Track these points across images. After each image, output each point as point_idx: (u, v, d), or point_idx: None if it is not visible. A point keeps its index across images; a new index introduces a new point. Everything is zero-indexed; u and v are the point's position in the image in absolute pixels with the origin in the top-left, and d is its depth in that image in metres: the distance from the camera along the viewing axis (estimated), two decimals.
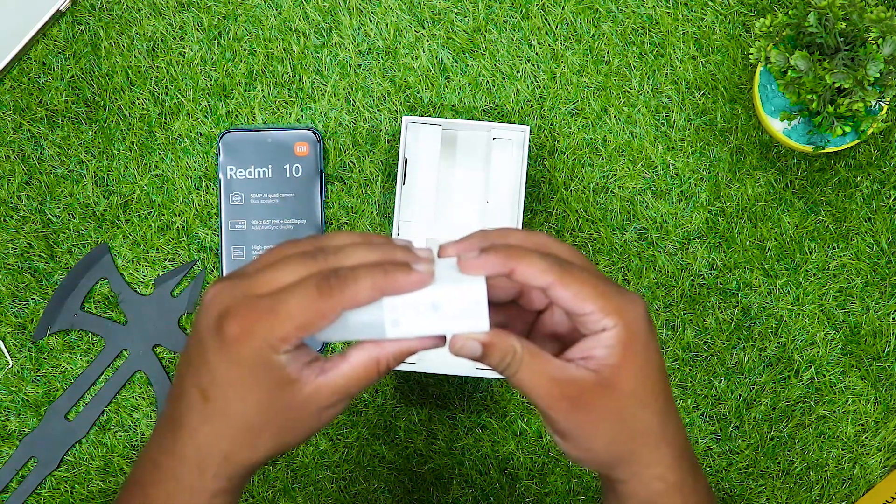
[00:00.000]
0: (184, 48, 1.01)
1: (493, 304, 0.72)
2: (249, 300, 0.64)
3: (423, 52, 1.01)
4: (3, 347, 1.00)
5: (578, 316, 0.67)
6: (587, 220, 1.00)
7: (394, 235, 0.96)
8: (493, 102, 1.00)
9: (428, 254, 0.67)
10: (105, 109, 1.01)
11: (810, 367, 1.00)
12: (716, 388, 1.00)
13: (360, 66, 1.01)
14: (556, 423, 0.68)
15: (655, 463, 0.69)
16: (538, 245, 0.68)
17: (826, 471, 1.00)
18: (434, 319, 0.65)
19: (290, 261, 0.66)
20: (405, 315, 0.65)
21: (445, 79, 1.01)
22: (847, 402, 1.00)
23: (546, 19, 1.01)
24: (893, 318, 1.00)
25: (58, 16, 1.00)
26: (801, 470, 1.00)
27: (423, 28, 1.01)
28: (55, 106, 1.01)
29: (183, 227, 1.00)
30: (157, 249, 1.00)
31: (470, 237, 0.68)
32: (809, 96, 0.91)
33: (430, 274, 0.65)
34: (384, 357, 0.66)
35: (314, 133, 1.00)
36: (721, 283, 1.00)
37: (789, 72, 0.91)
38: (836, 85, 0.89)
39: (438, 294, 0.65)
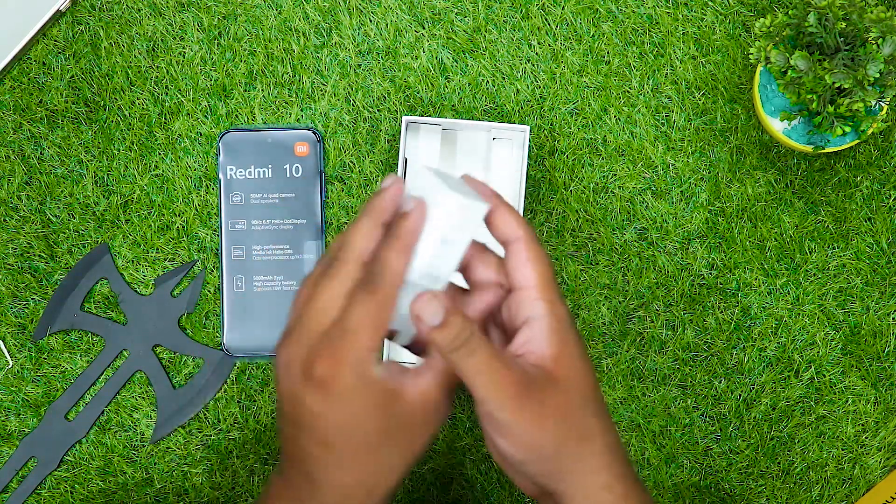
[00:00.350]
0: (184, 48, 1.01)
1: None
2: (321, 339, 0.65)
3: (423, 52, 1.01)
4: (3, 347, 1.00)
5: (518, 289, 0.68)
6: (587, 220, 1.00)
7: None
8: (493, 102, 1.00)
9: (391, 180, 0.68)
10: (105, 109, 1.01)
11: (810, 367, 1.00)
12: (716, 388, 1.00)
13: (360, 66, 1.01)
14: (499, 417, 0.66)
15: (600, 469, 0.68)
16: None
17: (826, 471, 1.00)
18: (453, 242, 0.67)
19: (325, 285, 0.66)
20: (433, 266, 0.67)
21: (445, 79, 1.01)
22: (847, 402, 1.00)
23: (546, 19, 1.01)
24: (893, 318, 1.00)
25: (58, 16, 1.00)
26: (801, 470, 1.00)
27: (423, 28, 1.01)
28: (55, 106, 1.01)
29: (183, 227, 1.00)
30: (157, 249, 1.00)
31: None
32: (809, 96, 0.91)
33: (423, 207, 0.66)
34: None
35: (314, 133, 1.00)
36: (721, 283, 1.00)
37: (789, 72, 0.91)
38: (836, 85, 0.89)
39: (437, 227, 0.66)
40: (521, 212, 0.95)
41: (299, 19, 1.01)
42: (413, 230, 0.66)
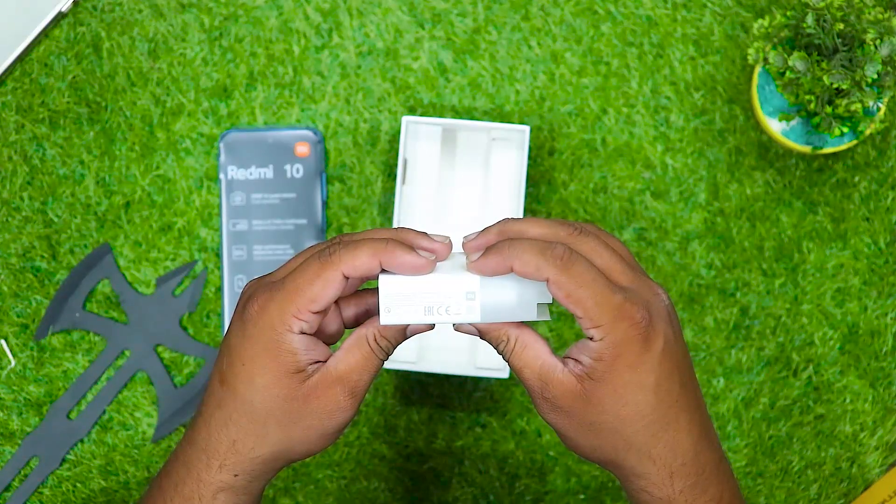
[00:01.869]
0: (185, 49, 1.01)
1: None
2: (268, 284, 0.68)
3: (424, 52, 1.01)
4: (5, 347, 1.00)
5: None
6: (586, 220, 1.00)
7: None
8: (493, 103, 1.01)
9: (441, 245, 0.68)
10: (107, 110, 1.01)
11: (808, 366, 1.01)
12: (714, 388, 1.01)
13: (360, 66, 1.01)
14: (541, 413, 0.69)
15: (642, 476, 0.69)
16: (556, 237, 0.68)
17: (824, 469, 1.01)
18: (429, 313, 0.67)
19: (309, 250, 0.69)
20: (397, 302, 0.67)
21: (445, 79, 1.01)
22: (845, 401, 1.01)
23: (546, 20, 1.01)
24: (891, 318, 1.01)
25: (59, 17, 1.00)
26: (800, 469, 1.01)
27: (424, 29, 1.01)
28: (57, 107, 1.01)
29: (184, 227, 1.01)
30: (159, 249, 1.01)
31: (486, 232, 0.69)
32: (808, 97, 0.91)
33: (427, 262, 0.67)
34: (370, 333, 0.68)
35: (315, 133, 1.00)
36: (720, 283, 1.01)
37: (787, 72, 0.91)
38: (834, 86, 0.89)
39: (433, 285, 0.67)
40: (521, 212, 0.96)
41: (300, 20, 1.01)
42: (399, 263, 0.66)
